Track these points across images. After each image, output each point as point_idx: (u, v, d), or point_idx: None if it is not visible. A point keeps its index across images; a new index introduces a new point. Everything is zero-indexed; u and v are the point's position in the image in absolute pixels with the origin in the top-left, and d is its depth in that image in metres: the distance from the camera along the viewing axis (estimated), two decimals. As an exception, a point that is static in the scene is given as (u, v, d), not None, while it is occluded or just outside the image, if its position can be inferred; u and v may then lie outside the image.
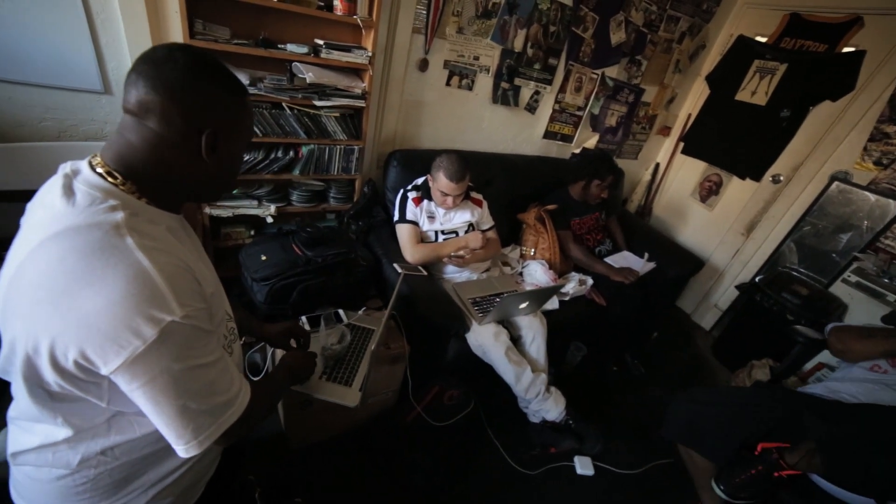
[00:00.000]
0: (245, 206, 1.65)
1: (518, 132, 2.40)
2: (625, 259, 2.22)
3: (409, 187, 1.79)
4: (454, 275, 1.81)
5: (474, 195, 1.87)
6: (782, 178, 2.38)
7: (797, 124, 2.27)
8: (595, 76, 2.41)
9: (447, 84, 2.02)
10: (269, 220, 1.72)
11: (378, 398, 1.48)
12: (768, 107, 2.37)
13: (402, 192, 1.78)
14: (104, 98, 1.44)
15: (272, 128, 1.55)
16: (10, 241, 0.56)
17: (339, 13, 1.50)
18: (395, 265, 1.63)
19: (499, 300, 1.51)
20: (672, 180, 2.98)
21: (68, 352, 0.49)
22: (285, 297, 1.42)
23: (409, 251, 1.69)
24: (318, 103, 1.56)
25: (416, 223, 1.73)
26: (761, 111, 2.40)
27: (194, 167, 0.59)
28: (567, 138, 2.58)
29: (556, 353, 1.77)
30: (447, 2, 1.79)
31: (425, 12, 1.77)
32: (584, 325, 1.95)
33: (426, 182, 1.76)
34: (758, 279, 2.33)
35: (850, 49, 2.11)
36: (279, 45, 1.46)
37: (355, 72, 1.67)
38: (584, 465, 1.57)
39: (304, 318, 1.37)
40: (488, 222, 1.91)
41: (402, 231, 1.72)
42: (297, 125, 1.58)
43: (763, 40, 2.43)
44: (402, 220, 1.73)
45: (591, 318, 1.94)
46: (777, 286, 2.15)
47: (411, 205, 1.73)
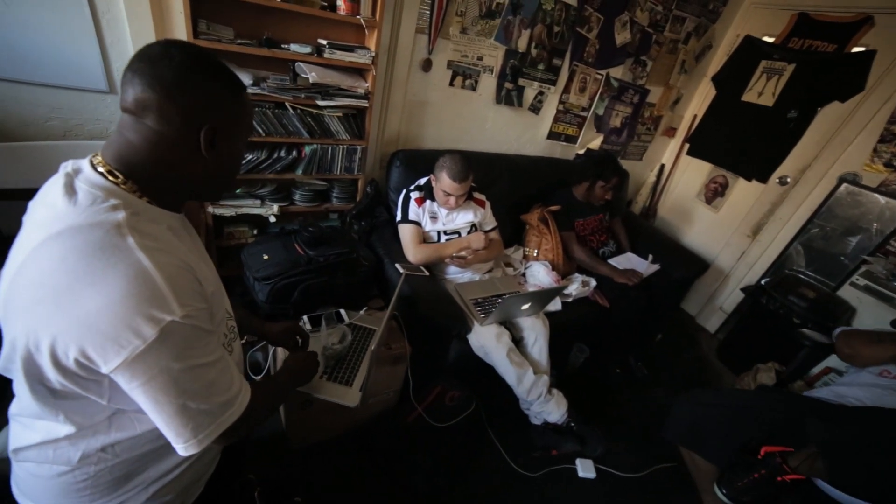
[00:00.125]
0: (248, 206, 1.66)
1: (522, 133, 2.39)
2: (628, 261, 2.21)
3: (412, 187, 1.79)
4: (456, 275, 1.80)
5: (477, 196, 1.87)
6: (789, 179, 2.35)
7: (805, 125, 2.24)
8: (599, 77, 2.40)
9: (450, 84, 2.01)
10: (272, 219, 1.73)
11: (379, 398, 1.48)
12: (775, 108, 2.34)
13: (404, 192, 1.78)
14: (109, 97, 1.45)
15: (275, 127, 1.55)
16: (15, 239, 0.57)
17: (342, 13, 1.50)
18: (397, 265, 1.63)
19: (501, 301, 1.50)
20: (677, 182, 2.96)
21: (69, 350, 0.49)
22: (287, 297, 1.42)
23: (412, 251, 1.69)
24: (321, 103, 1.57)
25: (418, 223, 1.73)
26: (768, 112, 2.37)
27: (194, 165, 0.59)
28: (571, 139, 2.57)
29: (558, 354, 1.76)
30: (451, 2, 1.79)
31: (429, 12, 1.77)
32: (587, 326, 1.94)
33: (429, 182, 1.76)
34: (764, 282, 2.30)
35: (860, 49, 2.08)
36: (282, 45, 1.46)
37: (358, 72, 1.67)
38: (585, 468, 1.56)
39: (305, 318, 1.37)
40: (491, 223, 1.90)
41: (405, 231, 1.72)
42: (300, 125, 1.59)
43: (770, 40, 2.40)
44: (405, 220, 1.72)
45: (594, 320, 1.93)
46: (783, 289, 2.13)
47: (414, 205, 1.73)
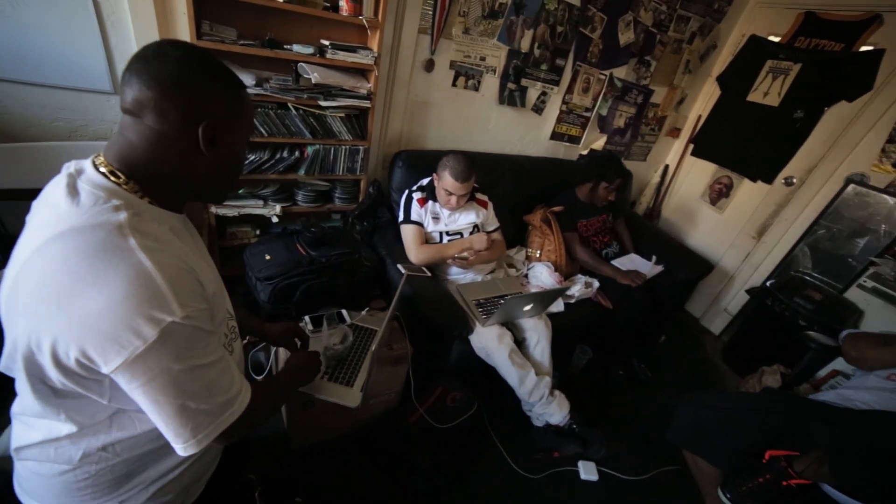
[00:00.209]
0: (250, 206, 1.67)
1: (525, 133, 2.39)
2: (632, 262, 2.19)
3: (415, 188, 1.79)
4: (458, 276, 1.80)
5: (479, 196, 1.86)
6: (795, 180, 2.33)
7: (811, 125, 2.22)
8: (603, 77, 2.39)
9: (453, 84, 2.01)
10: (275, 219, 1.74)
11: (380, 399, 1.48)
12: (781, 108, 2.32)
13: (407, 192, 1.78)
14: (113, 98, 1.46)
15: (278, 128, 1.56)
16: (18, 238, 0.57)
17: (344, 14, 1.51)
18: (399, 266, 1.63)
19: (503, 302, 1.49)
20: (681, 182, 2.94)
21: (70, 350, 0.49)
22: (289, 297, 1.43)
23: (414, 252, 1.68)
24: (323, 103, 1.57)
25: (420, 224, 1.73)
26: (774, 112, 2.35)
27: (195, 163, 0.59)
28: (574, 139, 2.56)
29: (561, 356, 1.75)
30: (453, 2, 1.79)
31: (431, 12, 1.77)
32: (590, 328, 1.93)
33: (431, 183, 1.76)
34: (769, 283, 2.28)
35: (869, 48, 2.06)
36: (285, 46, 1.47)
37: (361, 72, 1.67)
38: (587, 470, 1.55)
39: (307, 318, 1.37)
40: (493, 224, 1.90)
41: (407, 232, 1.72)
42: (303, 125, 1.59)
43: (776, 40, 2.38)
44: (407, 220, 1.72)
45: (597, 321, 1.91)
46: (789, 291, 2.10)
47: (416, 205, 1.73)
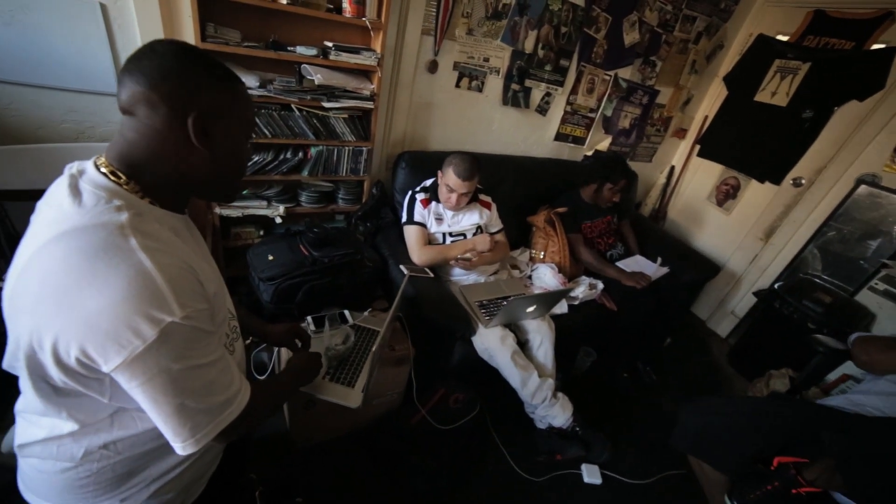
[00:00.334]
0: (254, 207, 1.68)
1: (529, 134, 2.38)
2: (637, 263, 2.17)
3: (418, 189, 1.79)
4: (461, 277, 1.79)
5: (483, 197, 1.86)
6: (804, 181, 2.29)
7: (820, 125, 2.19)
8: (608, 77, 2.37)
9: (457, 86, 2.01)
10: (278, 220, 1.74)
11: (382, 400, 1.48)
12: (789, 108, 2.29)
13: (410, 193, 1.78)
14: (120, 100, 1.48)
15: (281, 129, 1.57)
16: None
17: (347, 15, 1.51)
18: (402, 266, 1.62)
19: (506, 303, 1.48)
20: (688, 184, 2.91)
21: (70, 349, 0.49)
22: (291, 297, 1.43)
23: (417, 253, 1.68)
24: (326, 105, 1.58)
25: (423, 225, 1.73)
26: (782, 112, 2.32)
27: (188, 159, 0.58)
28: (579, 140, 2.55)
29: (564, 358, 1.74)
30: (457, 3, 1.79)
31: (434, 14, 1.77)
32: (594, 330, 1.91)
33: (435, 184, 1.75)
34: (777, 286, 2.24)
35: (880, 46, 2.02)
36: (289, 48, 1.48)
37: (364, 73, 1.68)
38: (591, 474, 1.54)
39: (309, 319, 1.38)
40: (497, 225, 1.89)
41: (410, 232, 1.72)
42: (306, 126, 1.60)
43: (785, 39, 2.35)
44: (410, 221, 1.72)
45: (601, 323, 1.90)
46: (798, 293, 2.07)
47: (419, 206, 1.73)
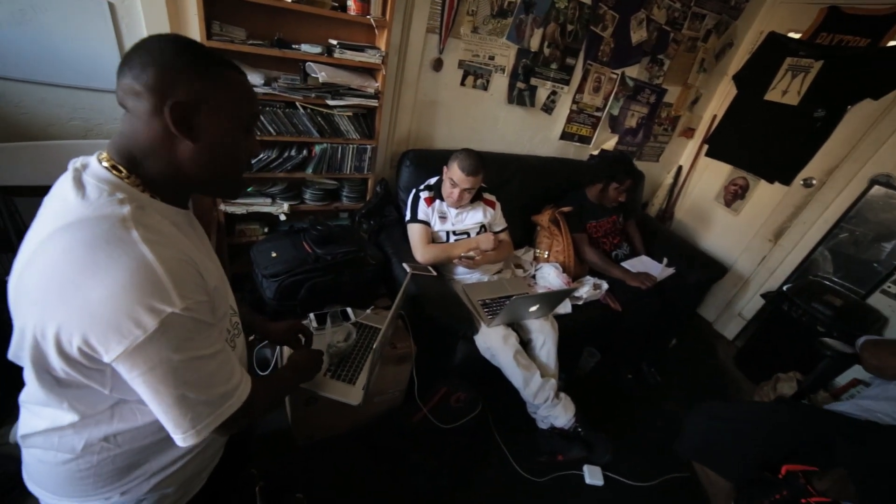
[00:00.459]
0: (259, 204, 1.69)
1: (534, 133, 2.37)
2: (642, 264, 2.15)
3: (422, 187, 1.79)
4: (465, 276, 1.79)
5: (487, 196, 1.85)
6: (815, 181, 2.25)
7: (833, 124, 2.15)
8: (615, 76, 2.35)
9: (462, 84, 2.00)
10: (283, 217, 1.75)
11: (384, 398, 1.48)
12: (801, 106, 2.25)
13: (414, 191, 1.78)
14: (128, 98, 1.49)
15: (286, 127, 1.58)
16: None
17: (352, 13, 1.51)
18: (404, 264, 1.62)
19: (508, 302, 1.48)
20: (695, 184, 2.88)
21: (73, 339, 0.50)
22: (294, 294, 1.44)
23: (420, 251, 1.68)
24: (331, 102, 1.58)
25: (427, 223, 1.72)
26: (793, 111, 2.28)
27: (174, 151, 0.58)
28: (585, 139, 2.53)
29: (568, 358, 1.73)
30: (462, 1, 1.78)
31: (439, 12, 1.76)
32: (598, 330, 1.90)
33: (439, 182, 1.75)
34: (786, 288, 2.21)
35: (896, 43, 1.98)
36: (293, 46, 1.48)
37: (368, 71, 1.68)
38: (593, 475, 1.53)
39: (311, 316, 1.38)
40: (501, 224, 1.88)
41: (413, 231, 1.72)
42: (311, 124, 1.60)
43: (797, 36, 2.31)
44: (414, 219, 1.72)
45: (605, 324, 1.88)
46: (807, 295, 2.04)
47: (423, 205, 1.73)
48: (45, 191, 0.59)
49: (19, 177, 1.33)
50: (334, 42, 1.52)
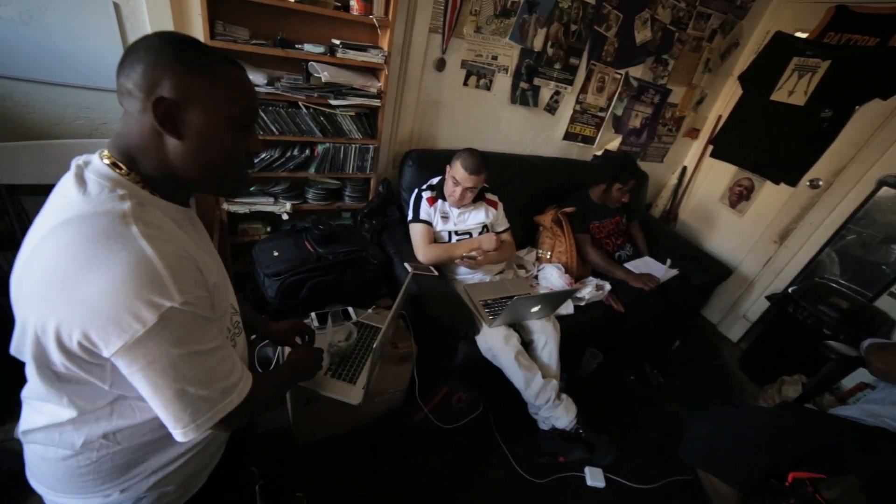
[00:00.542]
0: (261, 203, 1.69)
1: (537, 133, 2.36)
2: (646, 265, 2.14)
3: (424, 187, 1.79)
4: (466, 276, 1.79)
5: (490, 196, 1.85)
6: (821, 182, 2.23)
7: (840, 125, 2.12)
8: (618, 76, 2.34)
9: (465, 84, 2.00)
10: (285, 217, 1.76)
11: (385, 397, 1.48)
12: (807, 107, 2.23)
13: (416, 191, 1.78)
14: (132, 98, 1.50)
15: (288, 126, 1.58)
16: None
17: (355, 13, 1.52)
18: (406, 264, 1.62)
19: (510, 302, 1.47)
20: (700, 185, 2.85)
21: (73, 333, 0.50)
22: (295, 293, 1.44)
23: (422, 251, 1.68)
24: (333, 102, 1.58)
25: (429, 223, 1.72)
26: (799, 111, 2.26)
27: (166, 149, 0.58)
28: (588, 140, 2.51)
29: (570, 359, 1.72)
30: (465, 1, 1.78)
31: (442, 11, 1.76)
32: (601, 331, 1.89)
33: (441, 182, 1.75)
34: (791, 290, 2.18)
35: (905, 43, 1.96)
36: (296, 45, 1.49)
37: (371, 71, 1.68)
38: (594, 477, 1.52)
39: (313, 315, 1.39)
40: (503, 224, 1.88)
41: (416, 231, 1.71)
42: (313, 124, 1.61)
43: (804, 36, 2.29)
44: (416, 219, 1.72)
45: (608, 325, 1.87)
46: (813, 298, 2.01)
47: (425, 204, 1.73)
48: (51, 189, 0.59)
49: (25, 175, 1.34)
50: (337, 42, 1.53)
